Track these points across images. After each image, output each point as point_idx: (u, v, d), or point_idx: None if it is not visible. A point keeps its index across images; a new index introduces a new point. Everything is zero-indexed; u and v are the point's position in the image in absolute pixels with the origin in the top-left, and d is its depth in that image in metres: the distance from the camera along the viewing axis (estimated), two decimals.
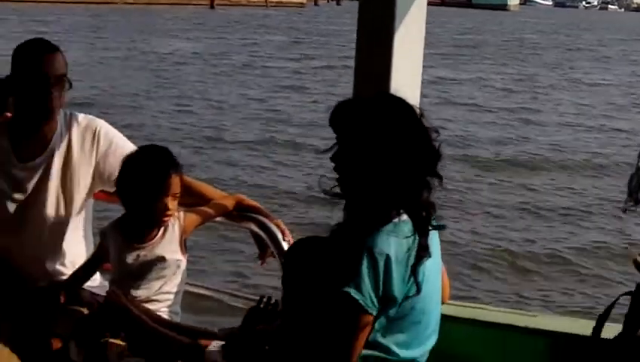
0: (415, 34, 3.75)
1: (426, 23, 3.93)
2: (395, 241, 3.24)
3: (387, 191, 3.30)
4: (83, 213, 4.43)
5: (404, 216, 3.30)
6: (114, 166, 4.27)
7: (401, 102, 3.42)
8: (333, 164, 3.41)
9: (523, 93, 33.33)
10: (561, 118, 27.81)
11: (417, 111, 3.41)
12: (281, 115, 25.47)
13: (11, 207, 4.27)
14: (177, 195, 4.07)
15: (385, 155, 3.28)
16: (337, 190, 3.44)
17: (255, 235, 4.34)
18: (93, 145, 4.33)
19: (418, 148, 3.32)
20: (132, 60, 37.56)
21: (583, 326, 3.71)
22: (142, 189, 4.02)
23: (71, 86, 4.20)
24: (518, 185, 17.78)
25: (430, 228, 3.35)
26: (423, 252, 3.29)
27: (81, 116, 4.38)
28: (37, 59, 4.16)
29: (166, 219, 4.09)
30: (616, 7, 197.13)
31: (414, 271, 3.26)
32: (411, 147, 3.30)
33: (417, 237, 3.29)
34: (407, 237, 3.26)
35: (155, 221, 4.10)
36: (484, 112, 28.11)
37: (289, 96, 29.56)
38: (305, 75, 35.96)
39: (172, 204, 4.06)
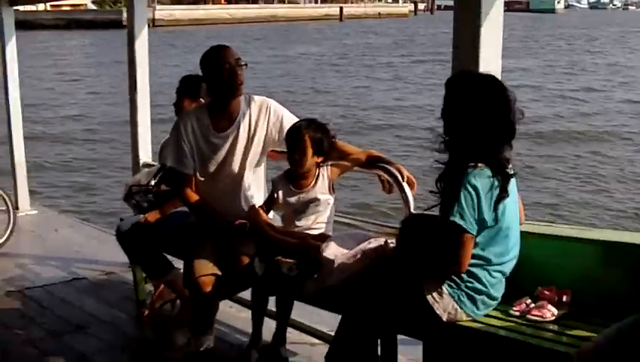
0: (495, 33, 3.65)
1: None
2: (480, 178, 3.23)
3: (477, 147, 3.28)
4: (260, 167, 4.46)
5: (484, 166, 3.27)
6: (280, 132, 4.31)
7: (501, 84, 3.39)
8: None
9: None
10: None
11: (510, 92, 3.37)
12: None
13: (211, 166, 4.32)
14: (304, 150, 4.07)
15: (481, 119, 3.27)
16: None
17: (381, 178, 4.30)
18: (266, 117, 4.34)
19: (505, 120, 3.30)
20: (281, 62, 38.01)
21: (635, 237, 3.63)
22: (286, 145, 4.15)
23: (246, 65, 4.26)
24: None
25: (507, 175, 3.31)
26: (503, 193, 3.28)
27: (257, 97, 4.40)
28: (219, 56, 4.22)
29: (297, 166, 4.10)
30: (634, 7, 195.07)
31: (495, 207, 3.26)
32: (500, 119, 3.29)
33: (499, 182, 3.26)
34: (489, 178, 3.25)
35: (295, 169, 4.13)
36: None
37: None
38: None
39: (298, 156, 4.08)
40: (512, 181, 3.38)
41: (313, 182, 4.16)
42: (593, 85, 28.68)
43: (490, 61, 3.62)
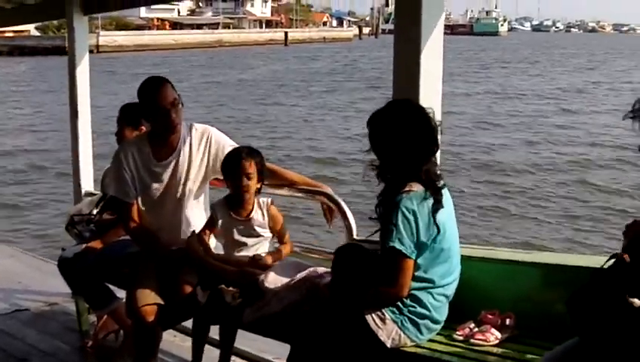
0: (436, 55, 3.68)
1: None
2: (416, 201, 3.27)
3: (404, 168, 3.33)
4: (202, 195, 4.40)
5: (418, 186, 3.30)
6: (222, 160, 4.24)
7: (410, 105, 3.45)
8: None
9: None
10: None
11: (422, 109, 3.41)
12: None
13: (153, 193, 4.26)
14: (250, 175, 4.03)
15: (399, 143, 3.32)
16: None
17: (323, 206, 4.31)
18: (207, 145, 4.29)
19: (422, 136, 3.35)
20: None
21: (575, 259, 3.67)
22: (226, 172, 4.06)
23: (182, 105, 4.17)
24: None
25: (439, 188, 3.35)
26: (436, 205, 3.31)
27: (198, 125, 4.34)
28: (153, 96, 4.12)
29: (244, 192, 4.04)
30: (576, 29, 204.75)
31: (434, 216, 3.29)
32: (417, 136, 3.33)
33: (432, 196, 3.30)
34: (424, 198, 3.29)
35: (240, 194, 4.06)
36: None
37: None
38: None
39: (245, 181, 4.02)
40: (448, 198, 3.42)
41: (253, 212, 4.12)
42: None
43: (431, 85, 3.64)
